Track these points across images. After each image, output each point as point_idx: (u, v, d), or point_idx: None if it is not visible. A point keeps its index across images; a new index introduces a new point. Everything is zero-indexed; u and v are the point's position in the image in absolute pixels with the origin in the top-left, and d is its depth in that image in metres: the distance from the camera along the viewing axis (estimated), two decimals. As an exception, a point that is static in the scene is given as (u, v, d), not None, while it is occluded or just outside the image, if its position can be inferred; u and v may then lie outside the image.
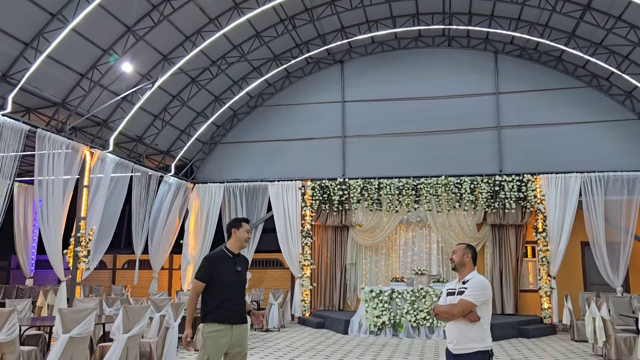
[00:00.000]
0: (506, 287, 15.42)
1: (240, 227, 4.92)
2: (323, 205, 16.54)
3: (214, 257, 4.88)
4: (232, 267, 4.83)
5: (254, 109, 18.14)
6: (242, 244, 4.93)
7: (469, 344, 4.04)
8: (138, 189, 14.99)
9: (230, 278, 4.77)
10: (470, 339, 4.04)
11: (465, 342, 4.05)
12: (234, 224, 4.95)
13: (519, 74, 16.49)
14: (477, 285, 4.13)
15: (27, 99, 11.96)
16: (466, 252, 4.31)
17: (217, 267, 4.76)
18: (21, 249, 17.70)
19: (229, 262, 4.84)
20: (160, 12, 12.23)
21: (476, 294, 4.08)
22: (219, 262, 4.80)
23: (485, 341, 4.06)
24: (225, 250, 4.91)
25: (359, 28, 16.18)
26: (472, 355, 4.02)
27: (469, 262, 4.29)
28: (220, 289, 4.71)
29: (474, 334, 4.05)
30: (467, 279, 4.23)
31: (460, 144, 16.28)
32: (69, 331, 6.92)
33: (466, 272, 4.28)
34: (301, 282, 16.27)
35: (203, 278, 4.73)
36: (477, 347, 4.03)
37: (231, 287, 4.77)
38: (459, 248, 4.37)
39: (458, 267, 4.32)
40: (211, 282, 4.72)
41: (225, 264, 4.81)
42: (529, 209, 15.17)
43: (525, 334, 13.22)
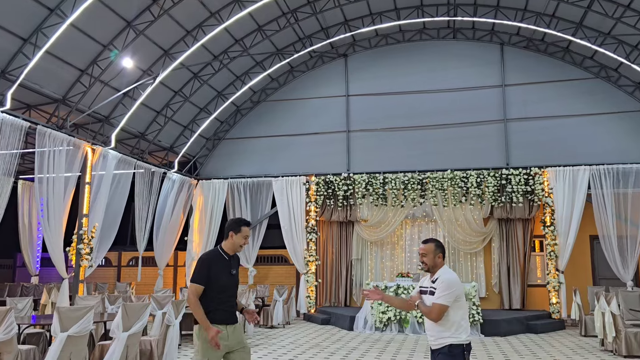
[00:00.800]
0: (513, 281, 15.21)
1: (239, 231, 4.68)
2: (328, 201, 16.38)
3: (210, 258, 4.65)
4: (227, 269, 4.67)
5: (257, 104, 17.99)
6: (237, 249, 4.73)
7: (442, 339, 4.08)
8: (141, 185, 14.89)
9: (225, 281, 4.62)
10: (441, 335, 4.09)
11: (439, 337, 4.09)
12: (233, 227, 4.71)
13: (525, 66, 16.23)
14: (444, 285, 4.10)
15: (28, 95, 11.87)
16: (437, 253, 4.26)
17: (213, 270, 4.57)
18: (26, 246, 17.66)
19: (224, 264, 4.66)
20: (160, 6, 12.09)
21: (445, 294, 4.07)
22: (215, 264, 4.61)
23: (459, 336, 4.06)
24: (221, 251, 4.71)
25: (362, 21, 15.97)
26: (446, 349, 4.05)
27: (440, 261, 4.25)
28: (215, 293, 4.55)
29: (447, 329, 4.07)
30: (436, 277, 4.21)
31: (466, 137, 16.05)
32: (67, 330, 6.81)
33: (437, 269, 4.25)
34: (306, 278, 16.14)
35: (202, 281, 4.52)
36: (449, 340, 4.05)
37: (226, 290, 4.63)
38: (429, 249, 4.26)
39: (431, 269, 4.27)
40: (207, 284, 4.54)
41: (221, 266, 4.63)
42: (536, 202, 14.94)
43: (533, 329, 13.02)
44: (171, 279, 18.69)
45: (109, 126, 13.98)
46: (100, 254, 13.27)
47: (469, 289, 12.72)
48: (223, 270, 4.62)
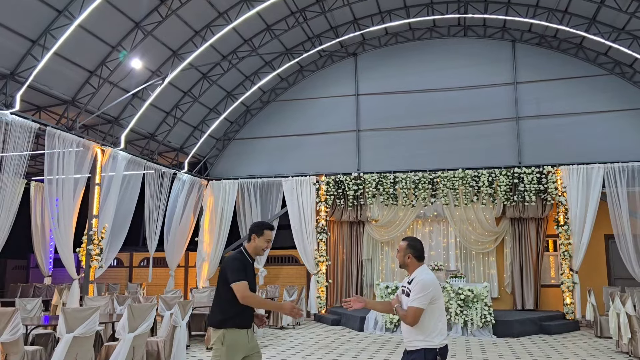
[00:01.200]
0: (527, 282, 14.99)
1: (262, 234, 4.55)
2: (338, 201, 16.28)
3: (242, 260, 4.51)
4: (252, 272, 4.58)
5: (267, 104, 17.95)
6: (258, 252, 4.60)
7: (414, 342, 3.97)
8: (151, 186, 14.91)
9: (251, 283, 4.48)
10: (414, 337, 3.97)
11: (413, 339, 3.98)
12: (256, 230, 4.58)
13: (537, 63, 15.99)
14: (419, 286, 3.94)
15: (37, 97, 11.94)
16: (407, 253, 4.12)
17: (246, 271, 4.46)
18: (39, 247, 17.79)
19: (250, 267, 4.55)
20: (168, 6, 12.09)
21: (420, 297, 3.91)
22: (245, 266, 4.48)
23: (432, 340, 3.92)
24: (245, 254, 4.58)
25: (371, 19, 15.84)
26: (418, 352, 3.94)
27: (411, 262, 4.11)
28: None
29: (417, 333, 3.96)
30: (411, 277, 4.08)
31: (478, 136, 15.86)
32: (72, 330, 6.79)
33: (411, 269, 4.13)
34: (316, 278, 16.06)
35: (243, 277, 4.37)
36: (423, 345, 3.93)
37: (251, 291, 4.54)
38: (401, 247, 4.18)
39: (402, 266, 4.19)
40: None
41: (249, 269, 4.51)
42: (549, 201, 14.70)
43: (546, 330, 12.81)
44: (182, 280, 18.71)
45: (119, 127, 14.02)
46: (111, 255, 13.30)
47: (481, 290, 12.55)
48: (250, 272, 4.53)
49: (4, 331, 6.70)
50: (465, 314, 12.43)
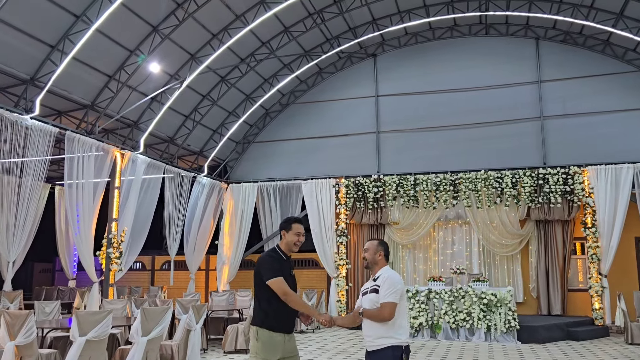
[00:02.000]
0: (553, 286, 14.53)
1: (290, 229, 4.42)
2: (358, 203, 16.09)
3: (276, 257, 4.38)
4: (288, 270, 4.39)
5: (286, 106, 17.88)
6: (291, 247, 4.43)
7: (380, 340, 3.95)
8: (170, 190, 14.97)
9: (287, 282, 4.30)
10: (381, 335, 3.95)
11: (377, 338, 3.96)
12: (284, 225, 4.47)
13: (563, 61, 15.55)
14: (388, 282, 4.00)
15: (58, 102, 12.08)
16: (378, 250, 4.19)
17: (282, 268, 4.31)
18: (63, 251, 18.04)
19: (284, 264, 4.38)
20: (185, 9, 12.11)
21: (392, 291, 3.95)
22: (281, 264, 4.34)
23: (399, 337, 3.95)
24: (279, 251, 4.44)
25: (390, 19, 15.64)
26: (384, 351, 3.93)
27: (381, 260, 4.18)
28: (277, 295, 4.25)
29: (385, 330, 3.94)
30: (377, 275, 4.12)
31: (501, 136, 15.50)
32: (85, 334, 6.77)
33: (378, 268, 4.17)
34: (336, 282, 15.88)
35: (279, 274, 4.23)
36: (389, 342, 3.92)
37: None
38: (371, 246, 4.23)
39: (371, 265, 4.20)
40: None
41: (284, 267, 4.35)
42: (576, 203, 14.25)
43: (574, 337, 12.37)
44: (203, 283, 18.74)
45: (138, 131, 14.11)
46: (131, 258, 13.36)
47: (505, 294, 12.19)
48: (286, 270, 4.34)
49: (19, 334, 6.72)
50: (488, 319, 12.09)
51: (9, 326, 6.73)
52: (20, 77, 10.76)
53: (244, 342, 10.14)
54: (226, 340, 10.26)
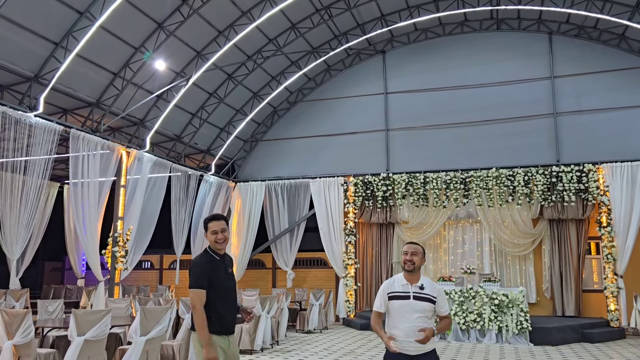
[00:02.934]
0: (567, 286, 14.18)
1: (206, 229, 4.39)
2: (366, 202, 15.86)
3: (205, 261, 4.31)
4: (222, 270, 4.36)
5: (294, 104, 17.70)
6: (215, 245, 4.36)
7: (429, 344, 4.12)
8: (177, 188, 14.86)
9: (223, 283, 4.31)
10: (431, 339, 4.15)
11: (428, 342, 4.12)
12: (204, 226, 4.43)
13: (577, 56, 15.18)
14: (444, 295, 4.25)
15: (63, 99, 12.00)
16: (423, 257, 4.32)
17: (211, 273, 4.26)
18: (72, 250, 18.02)
19: (217, 265, 4.34)
20: (190, 6, 11.96)
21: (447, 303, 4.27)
22: (212, 267, 4.29)
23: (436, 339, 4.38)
24: (211, 252, 4.38)
25: (399, 15, 15.38)
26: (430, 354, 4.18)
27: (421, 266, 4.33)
28: (214, 297, 4.22)
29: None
30: (422, 284, 4.21)
31: (513, 133, 15.17)
32: (83, 334, 6.65)
33: (418, 275, 4.26)
34: (345, 281, 15.66)
35: (203, 285, 4.19)
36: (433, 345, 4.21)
37: (225, 292, 4.33)
38: (418, 250, 4.28)
39: (416, 270, 4.23)
40: (209, 289, 4.22)
41: (217, 268, 4.32)
42: (590, 201, 13.89)
43: (589, 339, 12.03)
44: (211, 282, 18.59)
45: (144, 129, 14.01)
46: (136, 257, 13.26)
47: (517, 295, 11.89)
48: (219, 271, 4.31)
49: (16, 333, 6.60)
50: (499, 320, 11.81)
51: (6, 325, 6.62)
52: (24, 75, 10.69)
53: (249, 342, 9.97)
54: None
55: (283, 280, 17.16)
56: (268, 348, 10.69)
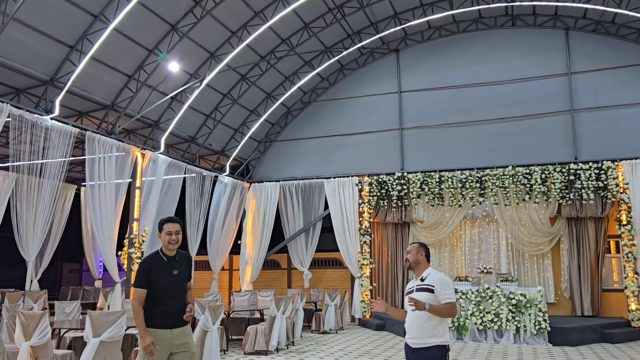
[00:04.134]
0: (585, 286, 13.93)
1: (162, 229, 4.73)
2: (381, 202, 15.77)
3: (149, 262, 4.70)
4: (167, 271, 4.68)
5: (307, 104, 17.67)
6: (167, 246, 4.71)
7: (429, 339, 4.26)
8: (192, 189, 14.91)
9: (166, 282, 4.63)
10: (430, 334, 4.26)
11: (426, 337, 4.26)
12: (158, 227, 4.77)
13: (594, 51, 14.93)
14: (444, 283, 4.34)
15: (78, 102, 12.11)
16: (420, 251, 4.52)
17: (153, 273, 4.62)
18: (89, 251, 18.19)
19: (163, 265, 4.68)
20: (202, 7, 11.99)
21: (451, 291, 4.30)
22: (155, 267, 4.65)
23: (444, 337, 4.31)
24: (161, 254, 4.74)
25: (413, 13, 15.26)
26: (431, 349, 4.25)
27: (422, 260, 4.51)
28: (156, 295, 4.60)
29: (433, 330, 4.27)
30: (424, 275, 4.43)
31: (529, 131, 14.98)
32: (99, 335, 6.70)
33: (422, 269, 4.48)
34: (360, 282, 15.59)
35: (143, 284, 4.60)
36: (436, 341, 4.27)
37: (167, 291, 4.65)
38: (413, 247, 4.56)
39: (413, 265, 4.51)
40: (150, 287, 4.61)
41: (161, 268, 4.65)
42: (610, 199, 13.64)
43: (608, 339, 11.81)
44: (227, 283, 18.67)
45: (159, 131, 14.08)
46: (152, 258, 13.29)
47: (535, 294, 11.72)
48: (163, 271, 4.64)
49: (33, 334, 6.66)
50: (517, 320, 11.65)
51: (24, 327, 6.68)
52: (40, 78, 10.80)
53: (264, 343, 9.96)
54: (246, 341, 10.09)
55: (298, 280, 17.15)
56: (283, 349, 10.68)
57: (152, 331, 4.54)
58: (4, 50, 9.78)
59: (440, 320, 4.27)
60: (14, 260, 17.51)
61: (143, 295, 4.59)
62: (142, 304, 4.59)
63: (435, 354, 4.24)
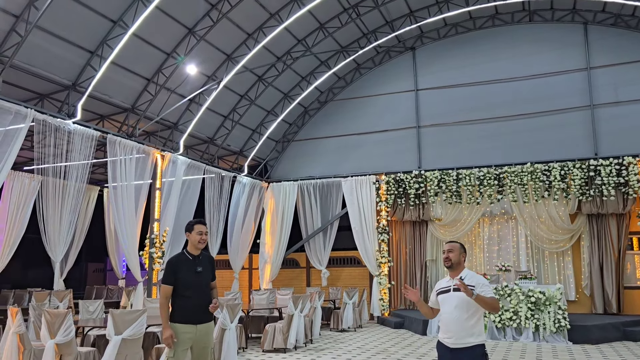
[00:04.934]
0: (608, 283, 13.76)
1: (192, 230, 5.14)
2: (399, 200, 15.80)
3: (175, 260, 5.11)
4: (192, 268, 5.07)
5: (324, 104, 17.77)
6: (196, 245, 5.14)
7: (469, 338, 4.25)
8: (211, 190, 15.14)
9: (190, 279, 5.03)
10: (470, 334, 4.25)
11: (466, 336, 4.25)
12: (188, 227, 5.18)
13: (614, 45, 14.71)
14: (480, 281, 4.37)
15: (99, 106, 12.41)
16: (462, 252, 4.52)
17: (179, 270, 5.02)
18: (113, 251, 18.60)
19: (189, 264, 5.08)
20: (219, 10, 12.18)
21: (490, 288, 4.34)
22: (180, 265, 5.05)
23: (483, 336, 4.33)
24: (186, 253, 5.16)
25: (428, 10, 15.23)
26: (472, 349, 4.24)
27: (462, 261, 4.52)
28: (182, 290, 4.99)
29: (473, 330, 4.27)
30: (462, 276, 4.39)
31: (548, 127, 14.84)
32: (121, 333, 6.89)
33: (459, 270, 4.47)
34: (379, 280, 15.65)
35: (169, 281, 5.00)
36: (476, 341, 4.26)
37: (192, 288, 5.03)
38: (455, 247, 4.53)
39: (454, 266, 4.47)
40: (176, 284, 5.00)
41: (186, 266, 5.05)
42: (631, 195, 13.45)
43: (631, 337, 11.65)
44: (246, 282, 18.90)
45: (178, 132, 14.34)
46: (172, 258, 13.55)
47: (554, 292, 11.63)
48: (188, 269, 5.05)
49: (58, 332, 6.90)
50: (536, 318, 11.57)
51: (49, 325, 6.92)
52: (62, 83, 11.10)
53: (282, 341, 10.10)
54: (265, 339, 10.24)
55: (317, 279, 17.27)
56: (302, 347, 10.80)
57: (179, 326, 4.92)
58: (28, 57, 10.09)
59: (478, 319, 4.28)
60: (40, 261, 18.04)
61: (169, 292, 4.98)
62: (168, 299, 4.99)
63: (477, 353, 4.24)
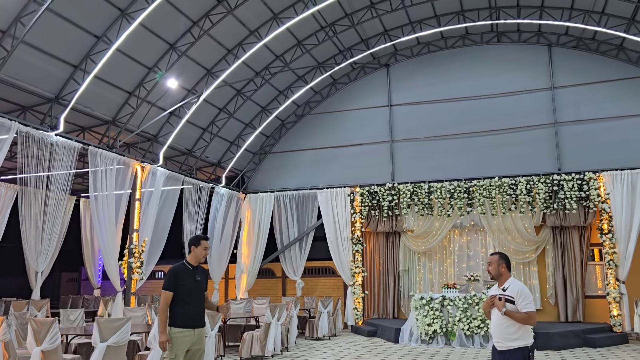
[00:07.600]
0: (571, 293, 14.48)
1: (199, 245, 5.61)
2: (373, 212, 16.30)
3: (177, 269, 5.52)
4: (192, 277, 5.53)
5: (301, 117, 18.23)
6: (200, 259, 5.65)
7: (510, 342, 4.60)
8: (189, 200, 15.38)
9: (190, 287, 5.47)
10: (515, 337, 4.59)
11: (511, 340, 4.60)
12: (194, 242, 5.64)
13: (576, 67, 15.58)
14: (523, 293, 4.64)
15: (81, 118, 12.61)
16: (500, 263, 4.77)
17: (180, 278, 5.45)
18: (89, 261, 18.62)
19: (189, 273, 5.54)
20: (200, 27, 12.55)
21: (530, 301, 4.62)
22: (182, 274, 5.48)
23: (528, 339, 4.61)
24: (186, 263, 5.61)
25: (402, 30, 15.88)
26: (515, 352, 4.58)
27: (504, 271, 4.77)
28: (184, 297, 5.40)
29: (518, 333, 4.59)
30: (506, 286, 4.72)
31: (514, 143, 15.57)
32: (106, 340, 7.15)
33: (504, 279, 4.77)
34: (353, 289, 16.07)
35: (171, 288, 5.40)
36: (521, 344, 4.58)
37: (192, 295, 5.48)
38: (493, 259, 4.83)
39: (496, 277, 4.83)
40: (176, 291, 5.40)
41: (187, 275, 5.50)
42: (592, 209, 14.22)
43: (591, 344, 12.33)
44: (223, 291, 19.09)
45: (158, 144, 14.59)
46: (150, 267, 13.77)
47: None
48: (189, 278, 5.50)
49: (44, 340, 7.12)
50: (502, 326, 12.12)
51: (35, 333, 7.14)
52: (46, 96, 11.30)
53: (260, 349, 10.42)
54: (243, 347, 10.55)
55: (293, 289, 17.60)
56: (278, 354, 11.13)
57: (181, 330, 5.33)
58: (13, 71, 10.29)
59: (520, 326, 4.59)
60: (14, 270, 17.92)
61: (169, 298, 5.37)
62: (168, 305, 5.37)
63: (519, 356, 4.57)
